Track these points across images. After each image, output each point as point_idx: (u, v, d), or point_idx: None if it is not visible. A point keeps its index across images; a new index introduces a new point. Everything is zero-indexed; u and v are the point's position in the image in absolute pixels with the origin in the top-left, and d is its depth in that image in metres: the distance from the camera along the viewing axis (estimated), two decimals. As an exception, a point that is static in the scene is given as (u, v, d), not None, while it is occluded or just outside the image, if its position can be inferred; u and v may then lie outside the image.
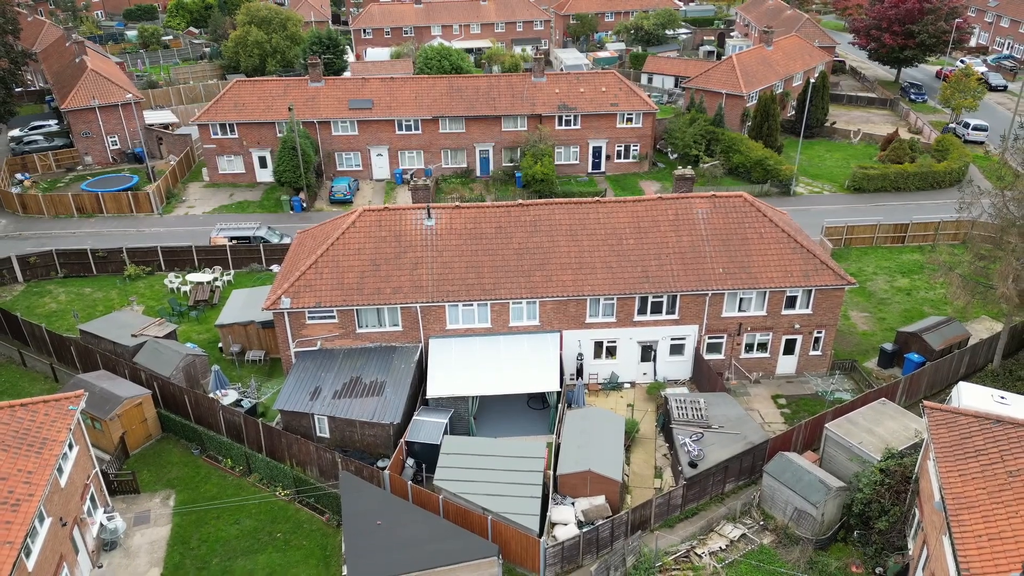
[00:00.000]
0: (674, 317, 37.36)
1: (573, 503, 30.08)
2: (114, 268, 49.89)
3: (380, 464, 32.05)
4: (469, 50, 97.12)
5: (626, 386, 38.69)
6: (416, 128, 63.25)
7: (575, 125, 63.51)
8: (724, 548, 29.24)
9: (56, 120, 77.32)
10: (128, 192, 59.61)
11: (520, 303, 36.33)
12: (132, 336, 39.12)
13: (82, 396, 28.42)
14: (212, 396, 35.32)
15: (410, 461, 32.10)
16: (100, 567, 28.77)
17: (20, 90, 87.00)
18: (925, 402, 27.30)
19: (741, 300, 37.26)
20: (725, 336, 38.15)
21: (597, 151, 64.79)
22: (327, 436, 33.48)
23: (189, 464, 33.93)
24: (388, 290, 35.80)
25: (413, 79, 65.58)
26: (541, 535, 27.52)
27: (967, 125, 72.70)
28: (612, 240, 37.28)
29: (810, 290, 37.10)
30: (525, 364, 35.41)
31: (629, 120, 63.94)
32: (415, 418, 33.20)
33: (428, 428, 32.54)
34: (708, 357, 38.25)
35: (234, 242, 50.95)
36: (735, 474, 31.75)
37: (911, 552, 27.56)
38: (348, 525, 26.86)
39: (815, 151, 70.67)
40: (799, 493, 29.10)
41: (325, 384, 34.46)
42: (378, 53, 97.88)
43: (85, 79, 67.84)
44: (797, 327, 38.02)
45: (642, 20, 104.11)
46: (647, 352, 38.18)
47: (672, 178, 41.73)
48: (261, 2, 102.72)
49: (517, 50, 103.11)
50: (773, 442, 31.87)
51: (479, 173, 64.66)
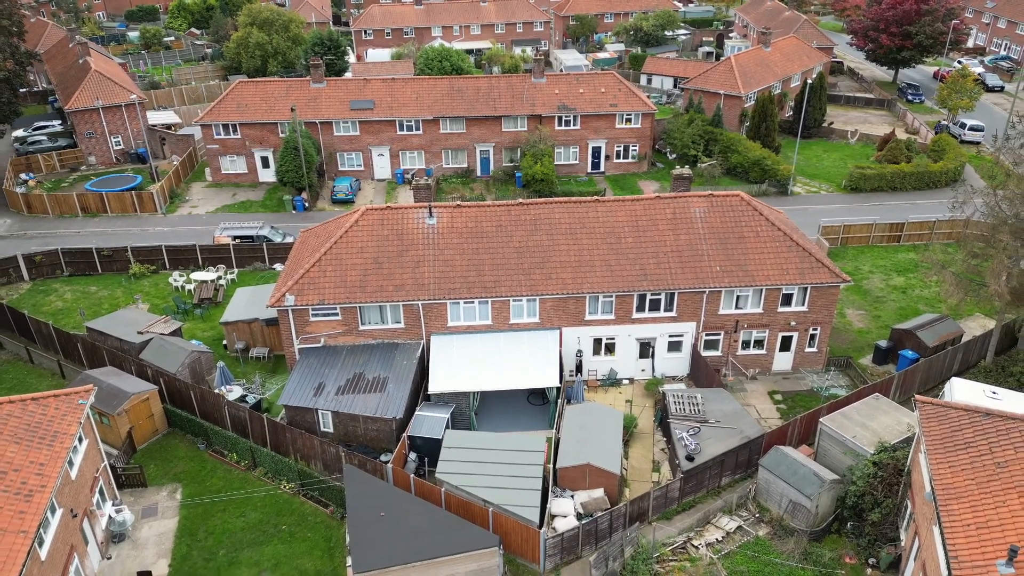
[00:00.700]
0: (672, 314, 37.96)
1: (572, 496, 30.67)
2: (119, 267, 50.48)
3: (383, 458, 32.66)
4: (469, 51, 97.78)
5: (625, 382, 39.29)
6: (417, 128, 63.86)
7: (575, 125, 64.12)
8: (720, 540, 29.83)
9: (60, 120, 77.94)
10: (132, 192, 60.19)
11: (520, 300, 36.94)
12: (138, 333, 39.72)
13: (91, 391, 29.02)
14: (218, 392, 35.92)
15: (412, 455, 32.69)
16: (109, 558, 29.35)
17: (24, 91, 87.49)
18: (917, 396, 27.92)
19: (738, 298, 37.86)
20: (722, 333, 38.74)
21: (596, 151, 65.40)
22: (331, 431, 34.08)
23: (195, 458, 34.54)
24: (390, 288, 36.40)
25: (414, 80, 66.21)
26: (541, 527, 28.12)
27: (963, 125, 73.32)
28: (611, 239, 37.88)
29: (806, 288, 37.71)
30: (525, 360, 36.02)
31: (628, 120, 64.55)
32: (417, 413, 33.80)
33: (430, 423, 33.13)
34: (706, 354, 38.85)
35: (237, 241, 51.54)
36: (731, 468, 32.34)
37: (903, 543, 28.15)
38: (352, 516, 27.45)
39: (813, 151, 71.27)
40: (794, 486, 29.70)
41: (329, 380, 35.07)
42: (379, 54, 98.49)
43: (89, 80, 68.43)
44: (793, 324, 38.63)
45: (641, 21, 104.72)
46: (645, 349, 38.78)
47: (671, 178, 42.33)
48: (262, 3, 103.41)
49: (517, 51, 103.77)
50: (769, 436, 32.46)
51: (479, 173, 65.26)
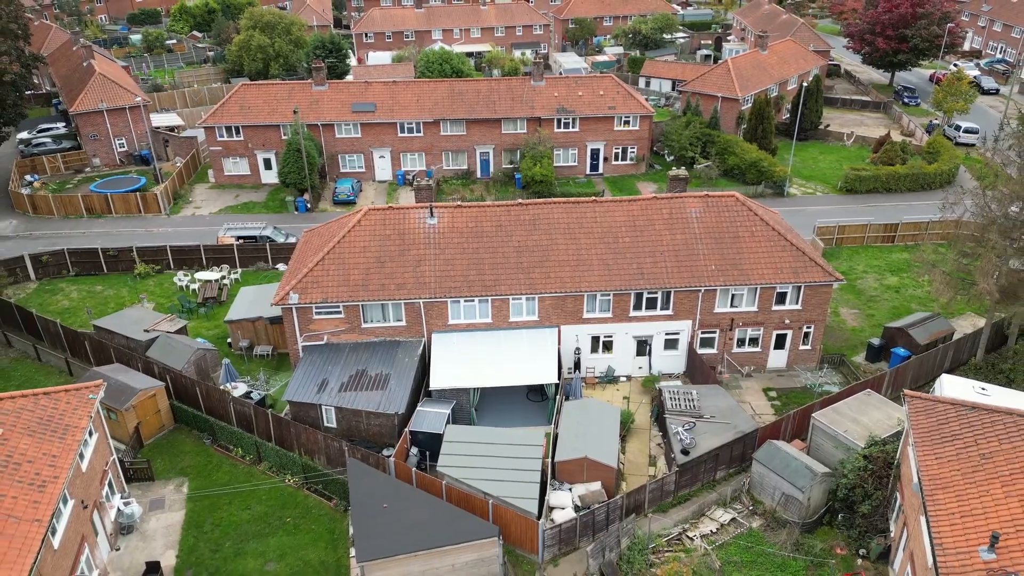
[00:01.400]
0: (668, 313, 38.70)
1: (570, 488, 31.40)
2: (124, 267, 51.23)
3: (385, 452, 33.35)
4: (469, 54, 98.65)
5: (622, 379, 40.02)
6: (418, 131, 64.64)
7: (573, 128, 64.91)
8: (715, 531, 30.55)
9: (64, 123, 78.75)
10: (136, 193, 60.95)
11: (520, 299, 37.69)
12: (145, 331, 40.45)
13: (101, 386, 29.75)
14: (223, 388, 36.64)
15: (414, 450, 33.41)
16: (118, 550, 30.06)
17: (29, 93, 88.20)
18: (906, 391, 28.66)
19: (733, 296, 38.61)
20: (718, 331, 39.49)
21: (595, 153, 66.17)
22: (334, 426, 34.81)
23: (201, 453, 35.26)
24: (392, 286, 37.15)
25: (415, 83, 67.01)
26: (540, 518, 28.84)
27: (958, 128, 74.15)
28: (608, 238, 38.64)
29: (799, 286, 38.47)
30: (524, 358, 36.76)
31: (626, 123, 65.34)
32: (419, 409, 34.53)
33: (431, 418, 33.86)
34: (701, 351, 39.59)
35: (241, 241, 52.27)
36: (726, 462, 33.07)
37: (892, 534, 28.88)
38: (356, 508, 28.16)
39: (809, 153, 72.07)
40: (786, 479, 30.43)
41: (332, 377, 35.81)
42: (380, 57, 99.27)
43: (93, 83, 69.21)
44: (787, 322, 39.38)
45: (640, 25, 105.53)
46: (642, 347, 39.53)
47: (688, 184, 43.05)
48: (264, 7, 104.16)
49: (517, 54, 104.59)
50: (762, 431, 33.20)
51: (479, 175, 66.03)
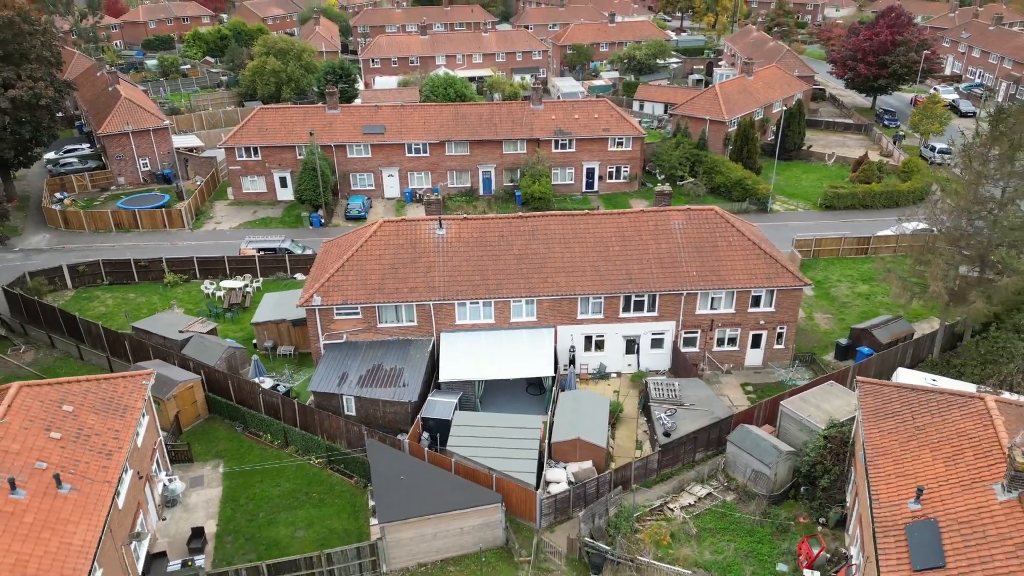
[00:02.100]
0: (654, 314, 42.82)
1: (565, 467, 35.36)
2: (154, 276, 55.41)
3: (400, 437, 37.30)
4: (472, 78, 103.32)
5: (613, 376, 44.05)
6: (424, 151, 69.06)
7: (570, 148, 69.35)
8: (693, 504, 34.48)
9: (88, 144, 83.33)
10: (161, 209, 65.27)
11: (520, 302, 41.82)
12: (179, 332, 44.56)
13: (152, 374, 33.83)
14: (253, 381, 40.66)
15: (425, 435, 37.36)
16: (164, 519, 33.96)
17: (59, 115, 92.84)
18: (858, 377, 32.72)
19: (712, 299, 42.74)
20: (699, 331, 43.58)
21: (590, 172, 70.58)
22: (353, 414, 38.80)
23: (234, 439, 39.24)
24: (405, 290, 41.30)
25: (421, 106, 71.58)
26: (537, 490, 32.77)
27: (934, 149, 78.69)
28: (600, 247, 42.85)
29: (772, 290, 42.60)
30: (524, 354, 40.84)
31: (620, 144, 69.81)
32: (429, 398, 38.55)
33: (441, 406, 37.87)
34: (685, 350, 43.65)
35: (261, 253, 56.51)
36: (704, 444, 37.04)
37: (848, 504, 32.80)
38: (376, 479, 32.11)
39: (792, 172, 76.52)
40: (756, 457, 34.40)
41: (351, 371, 39.86)
42: (386, 81, 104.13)
43: (119, 107, 73.79)
44: (762, 323, 43.48)
45: (635, 51, 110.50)
46: (631, 345, 43.60)
47: (671, 198, 47.30)
48: (276, 34, 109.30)
49: (517, 78, 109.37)
50: (737, 417, 37.21)
51: (482, 192, 70.37)
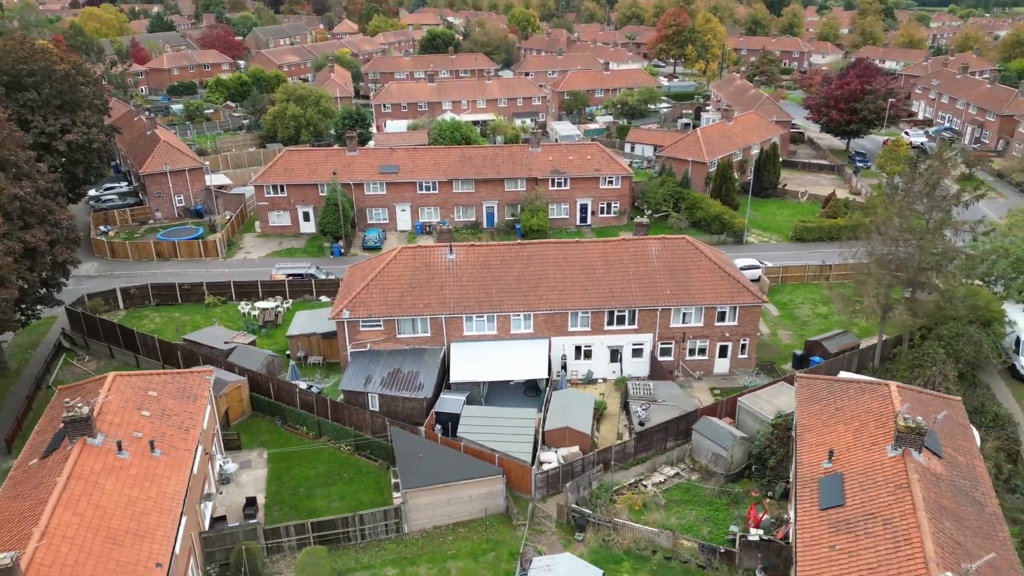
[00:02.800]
0: (634, 327, 49.83)
1: (556, 451, 42.10)
2: (196, 298, 62.57)
3: (417, 427, 44.08)
4: (476, 122, 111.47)
5: (599, 381, 50.91)
6: (434, 188, 76.66)
7: (565, 186, 76.96)
8: (662, 481, 41.15)
9: (126, 182, 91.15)
10: (198, 240, 72.72)
11: (519, 316, 48.88)
12: (225, 343, 51.58)
13: (212, 371, 40.80)
14: (291, 383, 47.61)
15: (438, 426, 44.10)
16: (220, 493, 40.65)
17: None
18: (796, 373, 39.63)
19: (684, 314, 49.77)
20: (673, 342, 50.55)
21: (584, 207, 78.09)
22: (377, 409, 45.61)
23: (274, 432, 46.03)
24: (420, 305, 48.41)
25: (432, 149, 79.46)
26: (532, 466, 39.51)
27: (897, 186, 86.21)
28: (587, 270, 50.03)
29: (735, 307, 49.65)
30: (522, 360, 47.79)
31: (610, 182, 77.44)
32: (442, 396, 45.41)
33: (451, 403, 44.66)
34: (661, 359, 50.57)
35: (290, 278, 63.73)
36: (674, 434, 43.74)
37: (791, 479, 39.45)
38: (399, 456, 38.87)
39: (768, 208, 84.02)
40: (716, 442, 41.16)
41: (375, 373, 46.80)
42: (397, 125, 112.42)
43: (159, 149, 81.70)
44: (727, 335, 50.45)
45: (627, 97, 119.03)
46: (615, 354, 50.52)
47: (649, 229, 54.70)
48: (294, 81, 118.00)
49: (518, 122, 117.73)
50: (701, 410, 44.01)
51: (485, 225, 77.82)
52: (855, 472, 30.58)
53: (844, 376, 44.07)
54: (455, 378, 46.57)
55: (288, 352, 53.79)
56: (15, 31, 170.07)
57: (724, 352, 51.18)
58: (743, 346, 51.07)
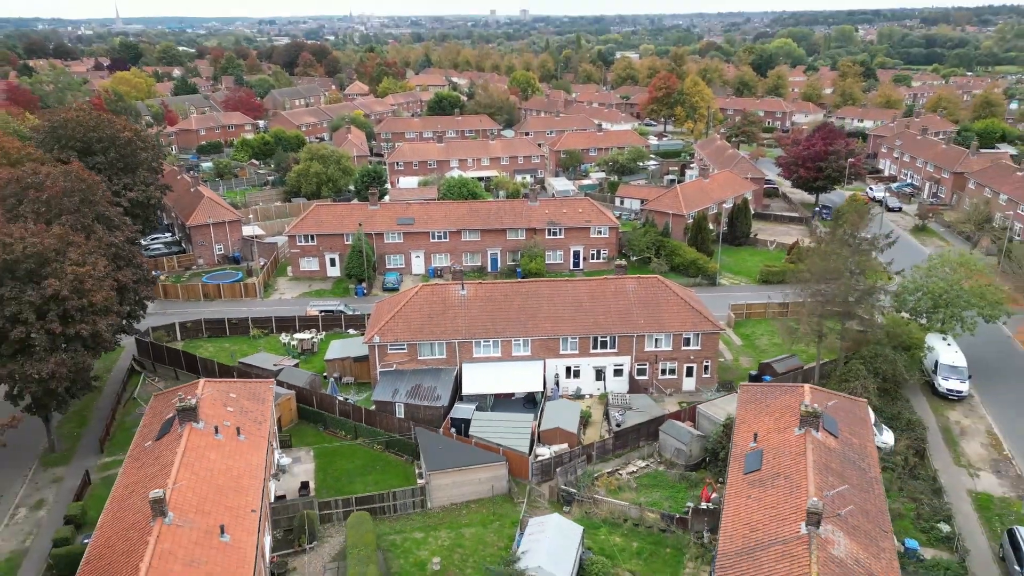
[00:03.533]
0: (615, 351, 60.05)
1: (548, 447, 51.99)
2: (242, 331, 72.93)
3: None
4: (481, 178, 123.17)
5: (586, 396, 60.91)
6: (444, 237, 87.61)
7: (560, 235, 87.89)
8: (635, 471, 50.94)
9: (169, 232, 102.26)
10: (239, 283, 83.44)
11: (519, 341, 59.16)
12: (274, 365, 61.80)
13: (273, 381, 51.00)
14: (332, 396, 57.70)
15: (453, 430, 54.04)
16: (278, 479, 50.44)
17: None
18: (740, 384, 49.76)
19: (656, 340, 60.02)
20: (648, 364, 60.71)
21: (576, 254, 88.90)
22: (402, 416, 55.58)
23: (317, 435, 55.96)
24: (438, 332, 58.75)
25: (443, 203, 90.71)
26: (529, 456, 49.37)
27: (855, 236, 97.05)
28: (575, 303, 60.48)
29: (698, 333, 59.94)
30: (522, 378, 57.93)
31: (599, 232, 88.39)
32: (456, 405, 55.48)
33: (464, 410, 54.71)
34: (638, 378, 60.66)
35: (323, 313, 74.16)
36: (645, 435, 53.61)
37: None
38: (423, 448, 48.80)
39: (740, 255, 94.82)
40: (678, 439, 51.08)
41: (401, 387, 56.93)
42: (409, 181, 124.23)
43: (203, 204, 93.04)
44: (692, 358, 60.65)
45: (618, 156, 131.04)
46: (599, 374, 60.65)
47: (627, 270, 65.27)
48: (314, 141, 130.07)
49: (518, 178, 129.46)
50: (668, 416, 53.97)
51: (489, 269, 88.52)
52: (770, 447, 40.57)
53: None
54: (467, 391, 56.71)
55: (325, 373, 63.95)
56: (50, 94, 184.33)
57: (690, 372, 61.32)
58: (706, 367, 61.24)
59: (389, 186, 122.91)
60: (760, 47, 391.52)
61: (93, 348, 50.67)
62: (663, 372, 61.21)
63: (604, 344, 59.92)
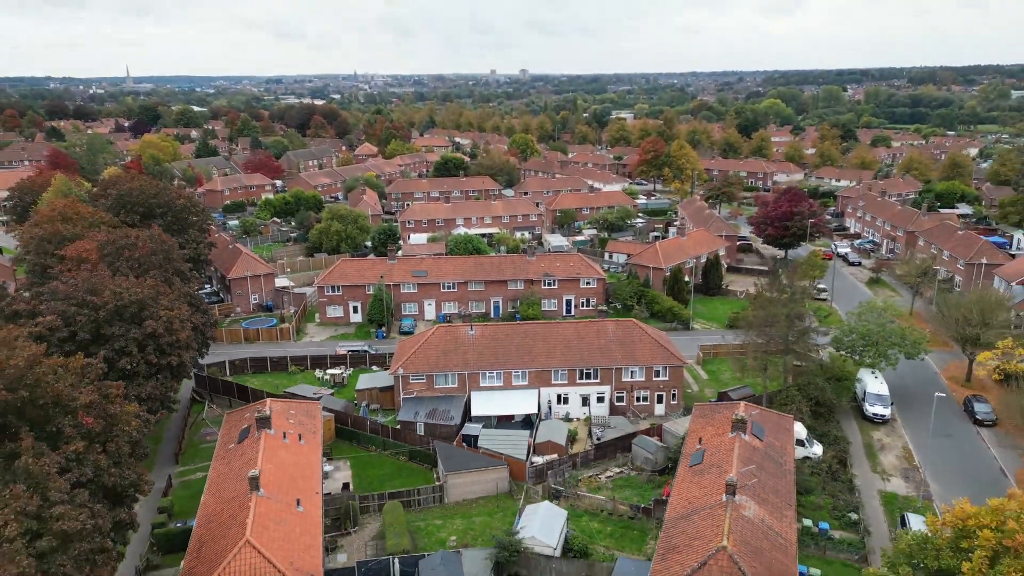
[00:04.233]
0: (597, 381, 72.55)
1: (542, 456, 64.16)
2: (281, 367, 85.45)
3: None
4: (484, 234, 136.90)
5: (574, 419, 73.18)
6: (453, 288, 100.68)
7: (554, 285, 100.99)
8: (612, 475, 63.00)
9: (208, 284, 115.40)
10: (275, 328, 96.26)
11: (518, 372, 71.71)
12: (314, 393, 74.22)
13: (320, 402, 63.41)
14: (363, 418, 70.03)
15: (464, 444, 66.18)
16: (325, 482, 62.39)
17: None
18: (696, 403, 62.22)
19: (631, 371, 72.55)
20: (625, 392, 73.12)
21: (568, 302, 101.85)
22: (422, 433, 67.82)
23: (352, 449, 68.10)
24: (451, 365, 71.32)
25: (452, 258, 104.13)
26: (526, 462, 61.52)
27: (816, 288, 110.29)
28: (564, 341, 73.21)
29: (666, 367, 72.51)
30: (520, 403, 70.35)
31: (588, 283, 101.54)
32: (466, 424, 67.79)
33: (473, 428, 66.96)
34: (617, 404, 73.01)
35: (350, 353, 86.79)
36: (620, 449, 65.76)
37: (692, 471, 61.30)
38: (441, 456, 61.00)
39: (713, 303, 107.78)
40: (646, 450, 63.32)
41: (421, 410, 69.30)
42: (419, 237, 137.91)
43: (241, 259, 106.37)
44: (662, 387, 73.12)
45: (607, 214, 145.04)
46: (584, 400, 73.03)
47: (608, 314, 78.07)
48: (330, 201, 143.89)
49: (518, 235, 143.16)
50: (639, 432, 66.22)
51: (492, 315, 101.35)
52: (711, 447, 52.90)
53: (734, 410, 66.65)
54: (475, 413, 69.11)
55: (356, 401, 76.32)
56: (82, 156, 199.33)
57: (660, 399, 73.73)
58: (673, 395, 73.70)
59: (402, 242, 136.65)
60: (750, 107, 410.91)
61: (177, 376, 63.27)
62: (638, 399, 73.63)
63: (588, 375, 72.47)
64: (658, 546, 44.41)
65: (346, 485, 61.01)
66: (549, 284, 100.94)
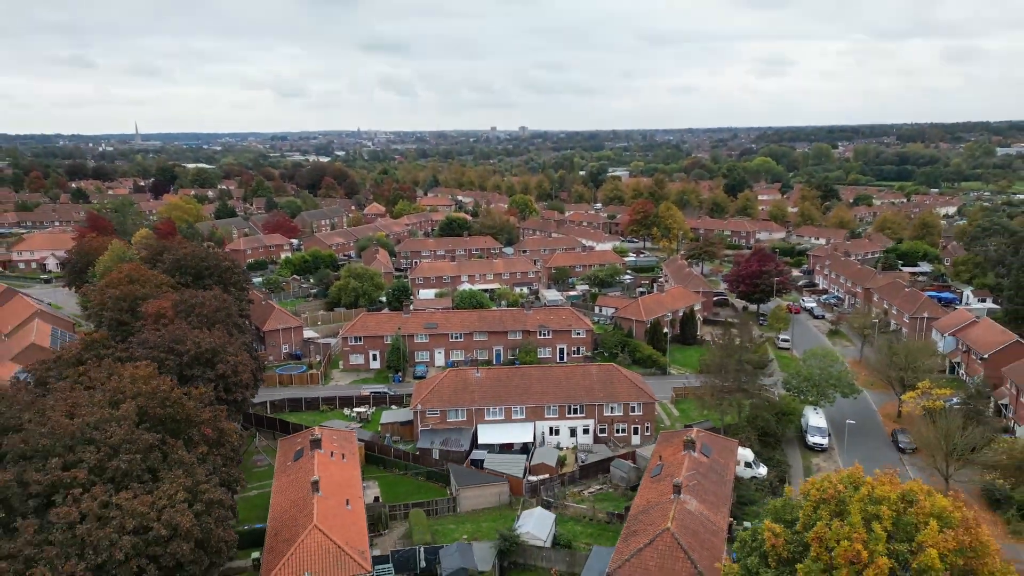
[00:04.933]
0: (583, 415, 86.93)
1: (536, 476, 78.24)
2: (314, 407, 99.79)
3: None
4: (486, 290, 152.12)
5: (564, 448, 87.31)
6: (460, 338, 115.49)
7: (548, 336, 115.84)
8: (594, 491, 76.99)
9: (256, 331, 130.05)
10: (306, 373, 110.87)
11: (517, 408, 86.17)
12: (346, 427, 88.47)
13: (355, 432, 77.77)
14: (388, 446, 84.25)
15: (472, 467, 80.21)
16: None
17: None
18: (661, 431, 76.63)
19: (611, 407, 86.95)
20: (607, 425, 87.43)
21: (561, 350, 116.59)
22: (437, 458, 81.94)
23: (379, 472, 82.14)
24: (461, 401, 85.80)
25: (458, 312, 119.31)
26: (523, 479, 75.64)
27: (779, 338, 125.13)
28: (555, 381, 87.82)
29: (640, 403, 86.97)
30: (519, 433, 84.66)
31: (578, 334, 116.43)
32: (474, 451, 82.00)
33: (479, 454, 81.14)
34: (600, 435, 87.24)
35: (373, 394, 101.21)
36: (602, 470, 79.81)
37: (658, 486, 75.39)
38: (454, 474, 75.14)
39: (689, 352, 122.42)
40: (621, 470, 77.45)
41: (436, 439, 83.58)
42: (427, 293, 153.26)
43: (275, 314, 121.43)
44: (637, 421, 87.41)
45: (598, 272, 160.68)
46: (573, 431, 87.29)
47: (601, 361, 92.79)
48: (349, 261, 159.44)
49: (517, 290, 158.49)
50: (617, 456, 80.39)
51: (494, 362, 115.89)
52: (668, 463, 67.22)
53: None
54: (481, 442, 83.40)
55: (380, 432, 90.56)
56: (115, 218, 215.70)
57: (636, 431, 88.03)
58: (647, 427, 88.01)
59: (412, 298, 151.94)
60: (742, 165, 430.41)
61: (240, 410, 77.79)
62: (617, 431, 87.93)
63: (575, 410, 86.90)
64: (621, 533, 58.58)
65: (376, 498, 75.05)
66: (544, 334, 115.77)
